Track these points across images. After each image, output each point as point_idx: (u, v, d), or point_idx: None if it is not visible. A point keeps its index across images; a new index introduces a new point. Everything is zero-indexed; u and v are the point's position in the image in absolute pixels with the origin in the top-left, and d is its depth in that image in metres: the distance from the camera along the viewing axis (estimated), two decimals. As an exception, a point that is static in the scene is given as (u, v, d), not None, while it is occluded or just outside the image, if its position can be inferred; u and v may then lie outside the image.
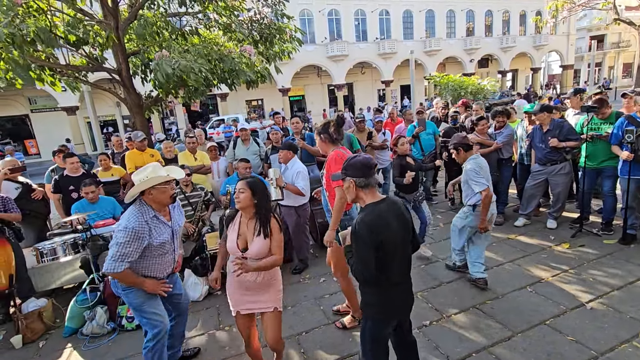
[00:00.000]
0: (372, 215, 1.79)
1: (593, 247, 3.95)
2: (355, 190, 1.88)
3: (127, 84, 5.62)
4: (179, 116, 23.41)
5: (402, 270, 1.92)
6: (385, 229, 1.77)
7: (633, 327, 2.67)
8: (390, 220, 1.81)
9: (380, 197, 1.88)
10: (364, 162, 1.88)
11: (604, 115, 4.14)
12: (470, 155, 3.34)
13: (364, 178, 1.85)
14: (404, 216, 1.90)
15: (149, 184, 2.16)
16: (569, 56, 32.21)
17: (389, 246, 1.78)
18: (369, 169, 1.86)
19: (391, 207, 1.86)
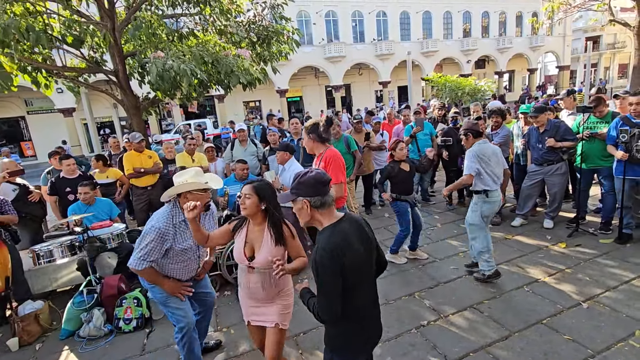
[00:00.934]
0: (332, 238, 1.54)
1: (589, 247, 3.97)
2: (309, 212, 1.61)
3: (124, 85, 5.60)
4: (176, 117, 23.36)
5: (370, 297, 1.70)
6: (348, 250, 1.53)
7: (629, 326, 2.69)
8: (352, 241, 1.57)
9: (339, 217, 1.64)
10: (317, 178, 1.61)
11: (601, 114, 4.17)
12: (478, 140, 3.38)
13: (319, 196, 1.59)
14: (367, 234, 1.67)
15: (185, 188, 2.16)
16: (565, 57, 32.40)
17: (354, 271, 1.56)
18: (323, 186, 1.61)
19: (353, 226, 1.63)
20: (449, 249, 4.28)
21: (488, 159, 3.30)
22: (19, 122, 21.39)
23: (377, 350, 2.68)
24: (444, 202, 5.92)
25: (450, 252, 4.20)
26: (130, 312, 3.25)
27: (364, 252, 1.61)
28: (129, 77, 5.83)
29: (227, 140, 14.99)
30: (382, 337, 2.79)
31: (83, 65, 5.82)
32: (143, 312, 3.29)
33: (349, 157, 4.90)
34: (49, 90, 5.56)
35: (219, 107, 23.37)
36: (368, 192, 5.85)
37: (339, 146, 4.92)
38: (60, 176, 4.47)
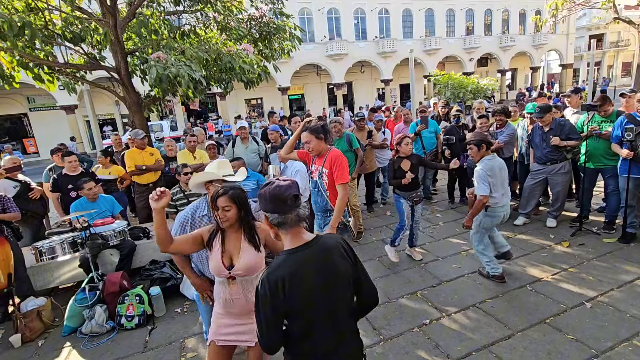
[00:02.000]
0: (279, 271, 1.33)
1: (593, 246, 3.95)
2: (271, 228, 1.44)
3: (126, 82, 5.59)
4: (178, 115, 23.36)
5: (329, 340, 1.41)
6: (296, 287, 1.32)
7: (633, 326, 2.67)
8: (306, 277, 1.34)
9: (304, 241, 1.41)
10: (274, 193, 1.38)
11: (606, 113, 4.14)
12: (485, 155, 3.30)
13: (277, 214, 1.38)
14: (337, 267, 1.40)
15: (203, 178, 2.12)
16: (568, 55, 32.21)
17: (305, 309, 1.35)
18: (282, 202, 1.37)
19: (317, 256, 1.39)
20: (451, 248, 4.26)
21: (495, 175, 3.23)
22: (22, 119, 21.46)
23: (379, 349, 2.67)
24: (446, 200, 5.91)
25: (452, 250, 4.18)
26: (132, 309, 3.25)
27: (322, 286, 1.36)
28: (131, 75, 5.82)
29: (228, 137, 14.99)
30: (385, 336, 2.80)
31: (84, 61, 5.81)
32: (145, 309, 3.29)
33: (350, 155, 4.88)
34: (53, 87, 5.55)
35: (221, 104, 23.37)
36: (370, 190, 5.83)
37: (341, 144, 4.91)
38: (63, 173, 4.47)
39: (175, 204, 4.22)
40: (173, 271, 3.78)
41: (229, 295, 1.92)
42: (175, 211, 4.22)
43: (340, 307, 1.43)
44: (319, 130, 2.91)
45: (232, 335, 1.96)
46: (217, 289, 1.98)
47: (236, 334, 1.96)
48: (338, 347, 1.44)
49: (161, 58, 4.16)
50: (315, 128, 2.91)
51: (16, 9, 4.77)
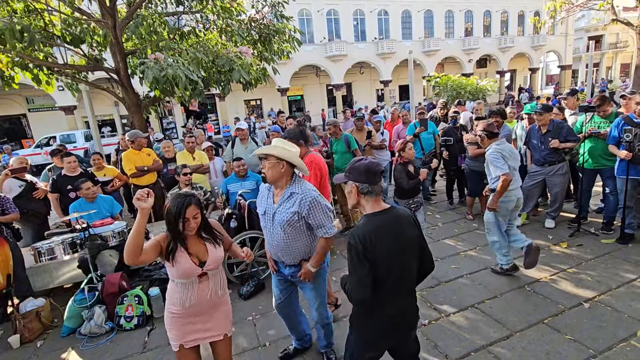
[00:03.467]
0: (367, 228, 1.62)
1: (591, 247, 3.96)
2: (357, 196, 1.71)
3: (125, 83, 5.60)
4: (177, 116, 23.37)
5: (397, 294, 1.70)
6: (379, 242, 1.59)
7: (631, 326, 2.68)
8: (386, 236, 1.61)
9: (383, 208, 1.69)
10: (369, 166, 1.68)
11: (605, 113, 4.15)
12: (494, 141, 3.41)
13: (367, 184, 1.66)
14: (407, 232, 1.68)
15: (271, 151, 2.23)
16: (567, 56, 32.30)
17: (382, 265, 1.61)
18: (373, 175, 1.67)
19: (393, 221, 1.66)
20: (450, 249, 4.27)
21: (508, 158, 3.29)
22: (20, 119, 21.41)
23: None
24: (444, 201, 5.92)
25: (451, 251, 4.19)
26: (131, 309, 3.26)
27: (397, 247, 1.63)
28: (131, 75, 5.83)
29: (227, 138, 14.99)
30: (383, 336, 2.80)
31: (84, 62, 5.82)
32: (144, 310, 3.29)
33: (349, 155, 4.89)
34: (50, 88, 5.56)
35: (220, 105, 23.37)
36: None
37: (339, 145, 4.92)
38: (62, 174, 4.47)
39: (175, 204, 4.22)
40: (172, 272, 3.78)
41: (196, 295, 1.94)
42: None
43: (410, 268, 1.72)
44: (298, 136, 2.86)
45: (199, 333, 2.00)
46: (179, 295, 1.93)
47: (202, 331, 2.00)
48: (403, 302, 1.74)
49: (159, 59, 4.17)
50: (293, 134, 2.86)
51: (15, 10, 4.77)
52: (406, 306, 1.77)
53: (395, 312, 1.71)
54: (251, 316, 3.25)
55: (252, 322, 3.16)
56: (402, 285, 1.70)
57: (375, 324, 1.71)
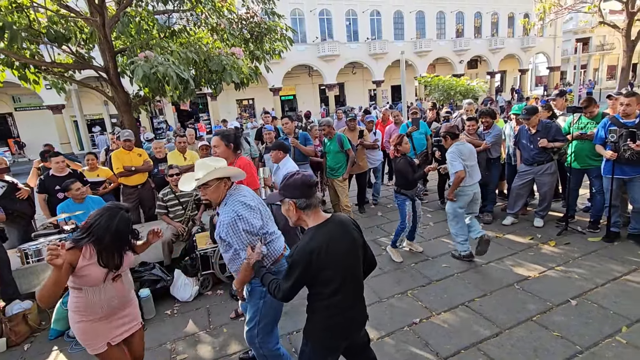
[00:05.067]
0: (313, 242, 1.63)
1: (578, 245, 4.04)
2: (296, 212, 1.71)
3: (114, 82, 5.52)
4: (168, 115, 23.13)
5: (351, 295, 1.76)
6: (328, 256, 1.63)
7: (616, 322, 2.74)
8: (334, 246, 1.66)
9: (324, 218, 1.73)
10: (303, 180, 1.70)
11: (592, 114, 4.25)
12: (455, 142, 3.78)
13: (305, 199, 1.68)
14: (352, 237, 1.75)
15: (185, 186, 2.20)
16: (555, 58, 32.84)
17: (334, 274, 1.66)
18: (309, 188, 1.70)
19: (338, 229, 1.71)
20: (441, 247, 4.31)
21: (465, 157, 3.71)
22: (7, 118, 20.96)
23: (370, 348, 2.69)
24: (436, 200, 5.97)
25: (443, 250, 4.23)
26: (121, 311, 3.21)
27: (345, 254, 1.69)
28: (121, 74, 5.75)
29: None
30: (375, 335, 2.82)
31: (71, 61, 5.72)
32: (134, 312, 3.25)
33: (341, 155, 4.91)
34: (37, 86, 5.45)
35: (212, 105, 23.21)
36: (362, 190, 5.86)
37: (332, 145, 4.93)
38: (50, 174, 4.40)
39: (166, 204, 4.18)
40: (163, 273, 3.75)
41: (110, 295, 1.96)
42: (166, 212, 4.19)
43: (358, 269, 1.80)
44: (230, 139, 2.81)
45: (122, 327, 2.07)
46: (93, 301, 1.92)
47: (124, 325, 2.08)
48: (356, 303, 1.80)
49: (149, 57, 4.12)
50: (226, 135, 2.82)
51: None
52: (359, 307, 1.84)
53: (351, 315, 1.77)
54: (243, 317, 3.22)
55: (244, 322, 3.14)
56: (354, 288, 1.77)
57: (332, 329, 1.74)
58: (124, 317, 2.08)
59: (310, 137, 5.36)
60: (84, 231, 1.88)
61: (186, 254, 3.93)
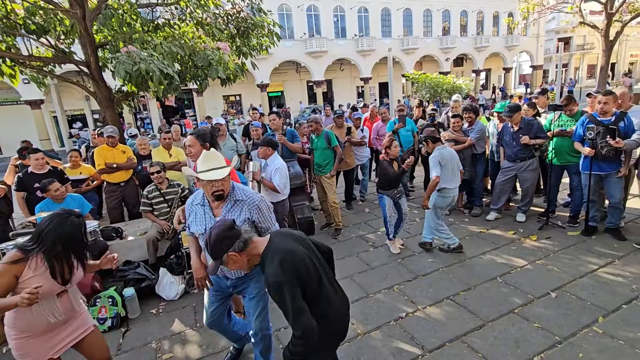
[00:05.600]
0: (276, 256, 1.58)
1: (558, 239, 4.16)
2: (242, 257, 1.66)
3: (96, 77, 5.37)
4: (152, 111, 22.68)
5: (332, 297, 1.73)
6: (297, 258, 1.60)
7: (593, 313, 2.84)
8: (292, 248, 1.64)
9: (267, 239, 1.72)
10: (219, 231, 1.63)
11: (571, 112, 4.37)
12: (437, 146, 3.89)
13: (236, 240, 1.64)
14: (298, 235, 1.78)
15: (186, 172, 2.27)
16: (538, 57, 33.59)
17: (307, 272, 1.61)
18: (231, 231, 1.64)
19: (284, 237, 1.73)
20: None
21: (446, 162, 3.81)
22: (-18, 114, 20.17)
23: (357, 342, 2.72)
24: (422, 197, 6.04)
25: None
26: (105, 311, 3.15)
27: (305, 251, 1.69)
28: (102, 69, 5.60)
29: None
30: (362, 330, 2.86)
31: (50, 54, 5.54)
32: (119, 311, 3.20)
33: (329, 152, 4.91)
34: (15, 81, 5.26)
35: (198, 100, 22.87)
36: (349, 187, 5.88)
37: (320, 141, 4.93)
38: (28, 171, 4.26)
39: (151, 202, 4.11)
40: (148, 272, 3.69)
41: (55, 309, 1.89)
42: (151, 210, 4.12)
43: (325, 267, 1.79)
44: (205, 138, 2.81)
45: (68, 338, 1.98)
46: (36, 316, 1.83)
47: (71, 333, 2.00)
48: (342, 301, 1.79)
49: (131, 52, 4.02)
50: (202, 134, 2.82)
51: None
52: (342, 302, 1.82)
53: (338, 314, 1.75)
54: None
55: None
56: (331, 282, 1.77)
57: (328, 335, 1.70)
58: (68, 327, 1.98)
59: (297, 134, 5.34)
60: (33, 239, 1.77)
61: (172, 252, 3.88)
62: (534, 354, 2.47)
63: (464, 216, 5.14)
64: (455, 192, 3.97)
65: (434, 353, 2.56)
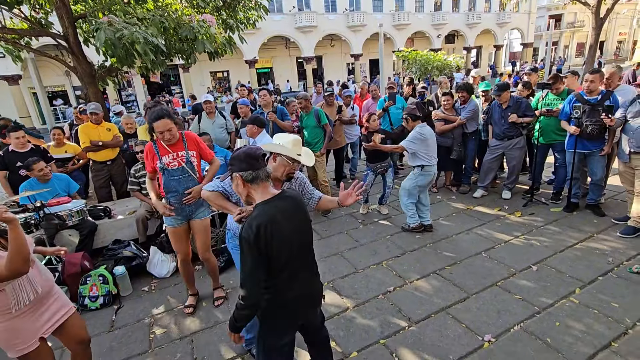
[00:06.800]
0: (260, 218, 1.53)
1: (541, 215, 4.30)
2: (244, 186, 1.63)
3: (76, 51, 5.14)
4: (137, 88, 21.95)
5: (300, 277, 1.69)
6: (275, 232, 1.54)
7: (571, 285, 2.99)
8: (281, 222, 1.57)
9: (273, 194, 1.64)
10: (247, 152, 1.64)
11: (558, 91, 4.41)
12: (417, 124, 3.91)
13: (251, 170, 1.60)
14: (300, 213, 1.69)
15: (278, 150, 2.05)
16: (529, 34, 33.37)
17: (281, 252, 1.57)
18: (255, 160, 1.62)
19: (287, 204, 1.64)
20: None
21: (427, 140, 3.84)
22: (-45, 90, 19.21)
23: (347, 315, 2.81)
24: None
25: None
26: (96, 289, 3.17)
27: (293, 231, 1.61)
28: (83, 43, 5.35)
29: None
30: (351, 304, 2.95)
31: (26, 26, 5.24)
32: (110, 289, 3.22)
33: (319, 130, 4.88)
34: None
35: (184, 77, 22.21)
36: (339, 165, 5.90)
37: (309, 119, 4.88)
38: (10, 149, 4.13)
39: (138, 181, 4.06)
40: (138, 250, 3.69)
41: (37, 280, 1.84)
42: (139, 189, 4.07)
43: (308, 248, 1.75)
44: (173, 116, 2.75)
45: (55, 316, 1.94)
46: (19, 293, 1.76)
47: (55, 314, 1.94)
48: (308, 280, 1.76)
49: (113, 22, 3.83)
50: (171, 114, 2.73)
51: None
52: (311, 285, 1.78)
53: (301, 294, 1.71)
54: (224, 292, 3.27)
55: (226, 296, 3.18)
56: (304, 266, 1.73)
57: (284, 310, 1.69)
58: (54, 303, 1.95)
59: (287, 111, 5.27)
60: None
61: (162, 230, 3.87)
62: (514, 323, 2.60)
63: (452, 194, 5.24)
64: (435, 170, 4.02)
65: (420, 324, 2.67)
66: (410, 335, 2.57)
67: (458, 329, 2.60)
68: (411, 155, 3.94)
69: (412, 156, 3.94)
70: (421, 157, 3.88)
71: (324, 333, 2.03)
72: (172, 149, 2.73)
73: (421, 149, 3.85)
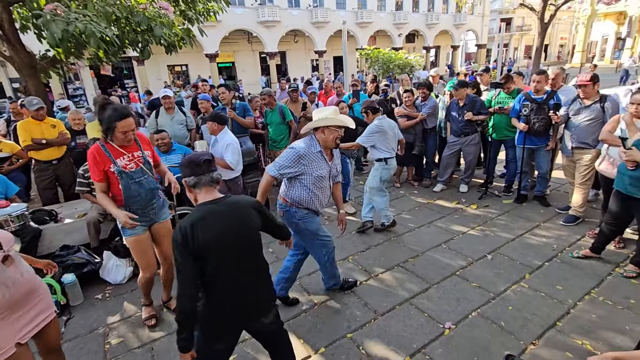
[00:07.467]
0: (190, 218, 1.57)
1: (495, 207, 4.57)
2: (189, 192, 1.68)
3: (11, 39, 4.66)
4: (86, 81, 20.41)
5: (235, 284, 1.65)
6: (202, 234, 1.53)
7: (521, 271, 3.21)
8: (211, 225, 1.56)
9: (214, 197, 1.65)
10: (191, 158, 1.67)
11: (509, 90, 4.70)
12: (376, 117, 3.93)
13: (193, 176, 1.64)
14: (242, 219, 1.66)
15: (323, 123, 2.46)
16: (483, 36, 35.25)
17: (216, 253, 1.56)
18: (197, 166, 1.64)
19: (224, 209, 1.63)
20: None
21: (386, 132, 3.85)
22: None
23: (313, 312, 2.82)
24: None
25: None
26: (42, 300, 2.91)
27: (226, 235, 1.59)
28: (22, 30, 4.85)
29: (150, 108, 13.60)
30: (318, 300, 2.95)
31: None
32: (58, 300, 2.97)
33: (283, 127, 4.83)
34: None
35: (139, 70, 20.99)
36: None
37: (274, 116, 4.81)
38: None
39: (88, 181, 3.77)
40: (90, 256, 3.45)
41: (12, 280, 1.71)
42: (89, 190, 3.79)
43: (248, 255, 1.70)
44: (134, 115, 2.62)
45: (33, 321, 1.81)
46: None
47: (35, 317, 1.82)
48: (248, 293, 1.70)
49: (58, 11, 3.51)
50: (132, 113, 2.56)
51: None
52: (249, 294, 1.70)
53: (235, 303, 1.66)
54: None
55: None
56: (247, 272, 1.69)
57: (216, 317, 1.65)
58: (33, 307, 1.80)
59: (250, 107, 5.15)
60: None
61: (116, 234, 3.64)
62: (472, 309, 2.75)
63: (414, 188, 5.42)
64: (395, 162, 4.06)
65: (385, 316, 2.74)
66: (376, 328, 2.63)
67: (421, 318, 2.70)
68: (371, 149, 3.95)
69: (371, 149, 3.95)
70: (380, 149, 3.88)
71: (284, 337, 1.96)
72: (126, 150, 2.47)
73: (379, 141, 3.85)
